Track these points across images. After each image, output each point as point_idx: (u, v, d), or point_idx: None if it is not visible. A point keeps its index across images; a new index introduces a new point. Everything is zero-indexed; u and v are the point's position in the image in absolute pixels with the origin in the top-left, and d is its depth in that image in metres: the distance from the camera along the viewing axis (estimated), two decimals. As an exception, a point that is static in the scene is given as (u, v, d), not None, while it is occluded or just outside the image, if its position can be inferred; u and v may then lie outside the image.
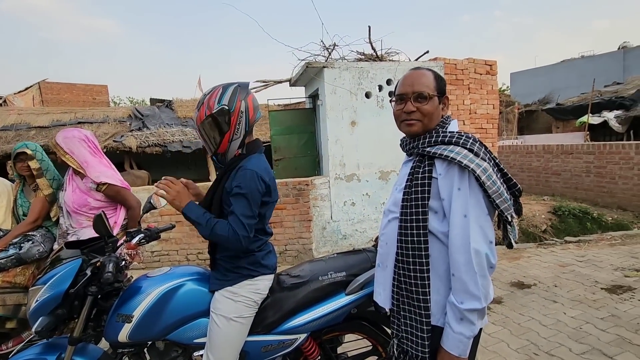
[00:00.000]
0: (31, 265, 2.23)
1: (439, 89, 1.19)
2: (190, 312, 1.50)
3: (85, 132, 2.32)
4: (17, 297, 2.14)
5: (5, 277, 2.12)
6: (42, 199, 2.29)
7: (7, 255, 2.13)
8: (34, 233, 2.27)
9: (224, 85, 1.51)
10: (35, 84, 15.60)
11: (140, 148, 9.53)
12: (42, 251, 2.25)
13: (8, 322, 2.13)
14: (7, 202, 2.37)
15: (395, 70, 5.00)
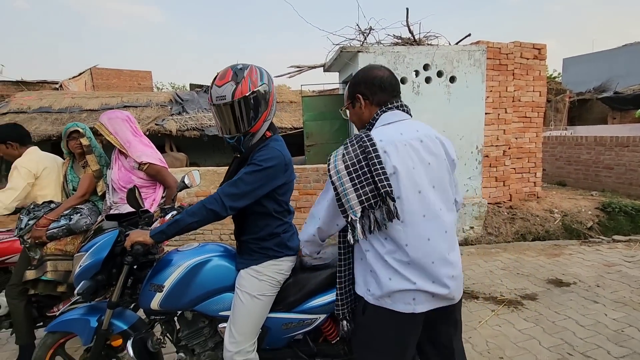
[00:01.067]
0: (80, 235, 2.42)
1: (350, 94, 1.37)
2: (216, 287, 1.57)
3: (126, 113, 2.46)
4: (68, 264, 2.33)
5: (58, 246, 2.33)
6: (90, 175, 2.47)
7: (59, 225, 2.33)
8: (82, 206, 2.45)
9: (256, 65, 1.49)
10: (87, 70, 16.66)
11: (180, 132, 9.95)
12: (89, 223, 2.44)
13: (59, 286, 2.35)
14: (57, 177, 2.58)
15: (434, 55, 4.79)
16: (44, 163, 2.51)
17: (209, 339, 1.64)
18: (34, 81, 15.61)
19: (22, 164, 2.44)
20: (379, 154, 1.17)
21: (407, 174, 1.17)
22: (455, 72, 4.87)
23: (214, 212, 1.39)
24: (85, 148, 2.47)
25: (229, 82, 1.41)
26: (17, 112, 10.07)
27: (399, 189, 1.17)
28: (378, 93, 1.30)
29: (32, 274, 2.28)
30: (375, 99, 1.31)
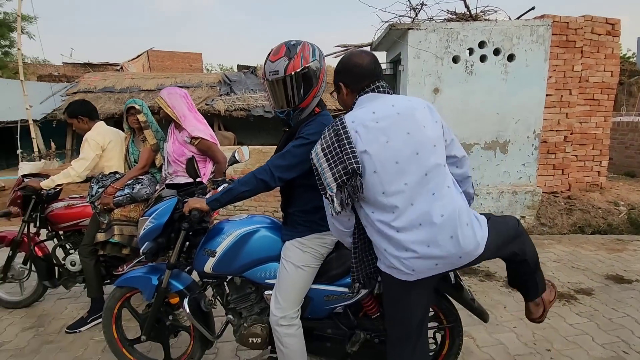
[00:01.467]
0: (141, 203, 2.66)
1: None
2: (263, 255, 1.66)
3: (184, 90, 2.61)
4: (131, 229, 2.58)
5: (123, 212, 2.58)
6: (149, 149, 2.67)
7: (123, 193, 2.57)
8: (142, 177, 2.68)
9: (308, 42, 1.52)
10: (144, 52, 17.68)
11: (228, 112, 10.33)
12: (149, 192, 2.65)
13: (124, 249, 2.61)
14: (120, 150, 2.82)
15: (491, 31, 4.47)
16: (109, 136, 2.75)
17: (255, 304, 1.75)
18: (98, 63, 16.90)
19: (92, 137, 2.69)
20: (350, 135, 1.26)
21: (380, 148, 1.24)
22: (515, 49, 4.52)
23: (263, 181, 1.46)
24: (142, 123, 2.65)
25: (282, 58, 1.44)
26: (85, 91, 11.01)
27: (373, 164, 1.24)
28: (358, 81, 1.38)
29: (101, 237, 2.56)
30: (355, 87, 1.39)
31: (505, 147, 4.70)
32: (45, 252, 2.89)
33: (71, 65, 16.90)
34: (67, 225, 2.81)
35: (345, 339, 1.70)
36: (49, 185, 2.64)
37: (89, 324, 2.63)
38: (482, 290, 3.01)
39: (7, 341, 2.51)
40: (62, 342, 2.48)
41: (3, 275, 2.88)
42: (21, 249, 2.86)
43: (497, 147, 4.70)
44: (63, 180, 2.63)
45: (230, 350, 2.28)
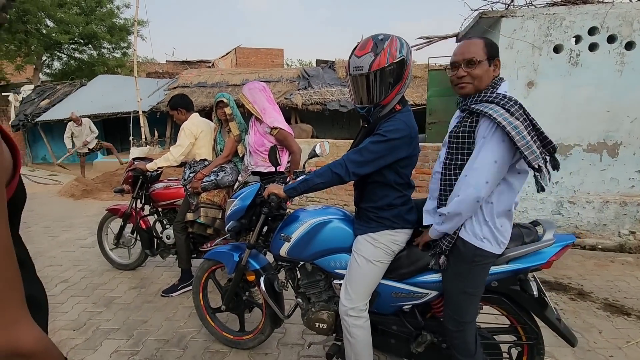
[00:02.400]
0: (224, 189, 2.93)
1: (489, 54, 1.37)
2: (335, 246, 1.71)
3: (263, 83, 2.77)
4: (215, 212, 2.86)
5: (208, 196, 2.87)
6: (232, 140, 2.90)
7: (209, 179, 2.85)
8: (226, 165, 2.94)
9: (397, 36, 1.48)
10: (232, 49, 19.12)
11: (304, 105, 10.67)
12: (232, 180, 2.90)
13: (208, 229, 2.91)
14: (209, 139, 3.12)
15: (605, 15, 3.85)
16: (201, 127, 3.07)
17: (324, 291, 1.82)
18: (194, 60, 18.80)
19: (187, 126, 3.03)
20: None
21: None
22: (635, 36, 3.83)
23: (338, 175, 1.49)
24: (228, 116, 2.89)
25: (369, 53, 1.43)
26: (183, 86, 12.35)
27: None
28: None
29: (190, 216, 2.89)
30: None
31: (614, 150, 4.05)
32: (147, 226, 3.37)
33: (173, 63, 19.10)
34: (165, 204, 3.24)
35: (411, 339, 1.67)
36: (152, 167, 3.05)
37: (179, 290, 3.01)
38: (572, 310, 2.67)
39: (118, 296, 3.00)
40: (158, 303, 2.88)
41: (116, 241, 3.45)
42: (130, 221, 3.37)
43: (604, 150, 4.07)
44: (164, 164, 3.02)
45: (297, 332, 2.40)
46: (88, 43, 16.58)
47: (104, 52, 17.34)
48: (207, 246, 3.00)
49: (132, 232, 3.40)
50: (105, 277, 3.36)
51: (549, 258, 1.44)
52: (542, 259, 1.44)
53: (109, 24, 16.03)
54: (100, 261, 3.66)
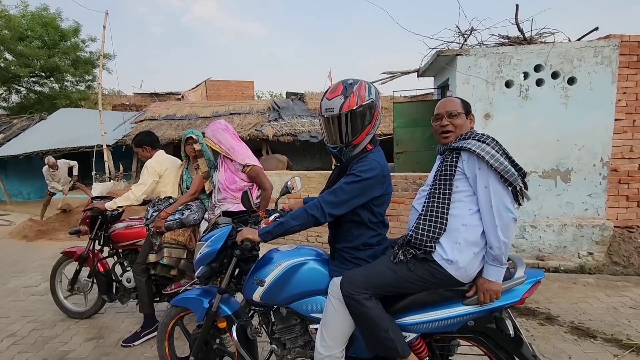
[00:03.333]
0: (189, 228, 2.82)
1: (465, 110, 1.59)
2: (310, 288, 1.66)
3: (224, 122, 2.74)
4: (179, 251, 2.74)
5: (172, 235, 2.75)
6: (200, 177, 2.84)
7: (174, 218, 2.75)
8: (192, 204, 2.84)
9: (365, 81, 1.57)
10: (203, 82, 19.19)
11: (276, 137, 10.75)
12: (197, 218, 2.81)
13: (172, 270, 2.77)
14: (175, 176, 3.03)
15: (548, 54, 4.26)
16: (166, 164, 2.99)
17: (300, 336, 1.75)
18: (163, 93, 18.64)
19: (151, 164, 2.95)
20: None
21: None
22: (576, 72, 4.25)
23: (314, 217, 1.49)
24: (197, 152, 2.84)
25: (339, 96, 1.50)
26: (151, 119, 12.11)
27: None
28: None
29: (153, 257, 2.75)
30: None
31: (567, 176, 4.35)
32: (106, 268, 3.16)
33: (140, 95, 18.82)
34: (125, 244, 3.07)
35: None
36: (111, 206, 2.90)
37: (142, 338, 2.79)
38: (542, 336, 2.73)
39: (72, 350, 2.73)
40: (119, 355, 2.65)
41: (71, 287, 3.19)
42: (87, 264, 3.15)
43: (557, 176, 4.37)
44: (123, 203, 2.90)
45: (273, 379, 2.27)
46: (50, 76, 16.07)
47: (67, 85, 16.82)
48: (170, 288, 2.85)
49: (89, 276, 3.18)
50: (58, 329, 3.07)
51: (522, 295, 1.47)
52: (516, 297, 1.47)
53: (73, 57, 15.68)
54: (53, 310, 3.35)
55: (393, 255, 1.52)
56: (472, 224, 1.44)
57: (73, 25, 15.70)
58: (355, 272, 1.52)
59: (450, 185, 1.47)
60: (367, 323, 1.46)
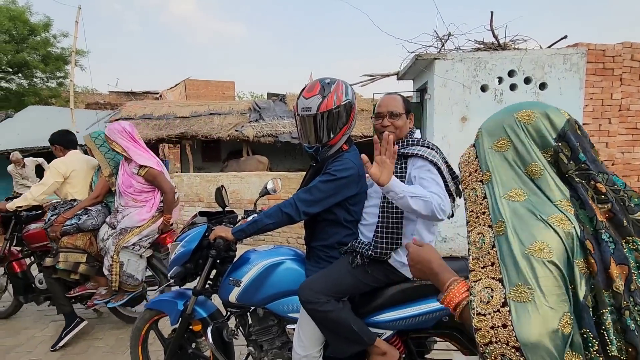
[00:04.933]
0: (89, 232, 2.76)
1: (406, 109, 1.57)
2: (287, 288, 1.64)
3: (124, 124, 2.69)
4: (76, 256, 2.70)
5: (70, 240, 2.70)
6: (104, 179, 2.79)
7: (71, 223, 2.70)
8: (91, 208, 2.78)
9: (342, 80, 1.57)
10: (182, 81, 18.80)
11: (256, 137, 10.64)
12: (96, 224, 2.75)
13: (72, 274, 2.72)
14: (84, 178, 2.96)
15: (521, 60, 4.42)
16: (73, 166, 2.90)
17: (277, 337, 1.72)
18: (140, 92, 18.14)
19: (55, 164, 2.88)
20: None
21: None
22: (547, 78, 4.42)
23: (288, 215, 1.48)
24: (95, 155, 2.80)
25: (316, 95, 1.49)
26: (126, 118, 11.72)
27: None
28: None
29: (48, 261, 2.71)
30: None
31: (539, 178, 4.51)
32: (22, 269, 3.10)
33: (116, 93, 18.24)
34: (38, 246, 2.98)
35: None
36: (11, 207, 2.84)
37: (64, 338, 2.72)
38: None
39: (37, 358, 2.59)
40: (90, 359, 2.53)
41: None
42: (3, 265, 3.08)
43: (530, 177, 4.52)
44: (22, 203, 2.83)
45: (251, 382, 2.22)
46: (18, 72, 15.32)
47: (36, 82, 16.08)
48: (74, 292, 2.82)
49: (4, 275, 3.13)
50: (21, 337, 2.91)
51: None
52: None
53: (44, 52, 15.02)
54: (15, 318, 3.18)
55: (352, 259, 1.51)
56: (421, 230, 1.48)
57: (43, 20, 15.07)
58: (315, 279, 1.51)
59: None
60: (331, 325, 1.45)
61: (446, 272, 0.86)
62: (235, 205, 5.26)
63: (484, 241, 0.76)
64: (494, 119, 0.86)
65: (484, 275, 0.73)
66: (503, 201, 0.77)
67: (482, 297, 0.71)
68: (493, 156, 0.82)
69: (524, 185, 0.77)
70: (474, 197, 0.84)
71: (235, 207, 5.12)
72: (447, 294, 0.81)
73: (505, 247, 0.71)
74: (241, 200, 5.67)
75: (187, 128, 10.90)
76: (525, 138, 0.79)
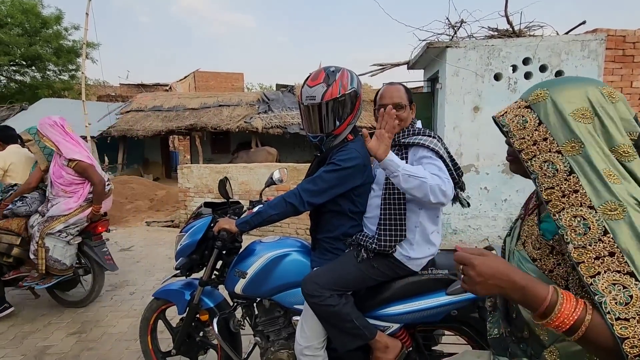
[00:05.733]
0: (24, 217, 2.93)
1: (409, 100, 1.54)
2: (293, 280, 1.63)
3: (55, 118, 2.87)
4: (11, 238, 2.87)
5: (5, 223, 2.88)
6: (38, 169, 2.97)
7: (7, 208, 2.89)
8: (28, 195, 2.95)
9: (347, 69, 1.53)
10: (191, 73, 18.87)
11: (265, 129, 10.64)
12: (30, 210, 2.93)
13: (5, 257, 2.89)
14: (24, 169, 3.11)
15: (536, 47, 4.27)
16: (11, 159, 3.09)
17: (283, 328, 1.72)
18: (150, 84, 18.27)
19: None
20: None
21: None
22: (563, 65, 4.27)
23: (293, 205, 1.46)
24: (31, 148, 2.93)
25: (321, 84, 1.45)
26: (137, 110, 11.85)
27: None
28: None
29: None
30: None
31: (553, 169, 4.40)
32: None
33: (127, 86, 18.40)
34: None
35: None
36: None
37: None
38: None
39: (53, 345, 2.66)
40: (101, 349, 2.59)
41: None
42: None
43: (544, 169, 4.41)
44: None
45: (258, 372, 2.25)
46: (31, 65, 15.56)
47: (49, 75, 16.33)
48: (9, 275, 2.98)
49: None
50: (38, 324, 2.99)
51: None
52: None
53: (56, 45, 15.20)
54: (32, 305, 3.26)
55: (357, 253, 1.49)
56: (424, 222, 1.45)
57: (55, 13, 15.22)
58: (320, 272, 1.50)
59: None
60: (332, 320, 1.44)
61: (536, 282, 0.67)
62: (244, 197, 5.28)
63: (588, 225, 0.64)
64: (564, 86, 0.74)
65: (601, 267, 0.61)
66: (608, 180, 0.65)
67: (617, 297, 0.58)
68: (577, 124, 0.69)
69: (614, 168, 0.66)
70: (552, 171, 0.70)
71: (245, 198, 5.14)
72: (558, 313, 0.62)
73: (629, 234, 0.60)
74: (250, 192, 5.68)
75: (196, 119, 10.96)
76: (615, 116, 0.69)
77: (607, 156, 0.67)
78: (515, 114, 0.77)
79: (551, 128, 0.71)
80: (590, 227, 0.64)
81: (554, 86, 0.75)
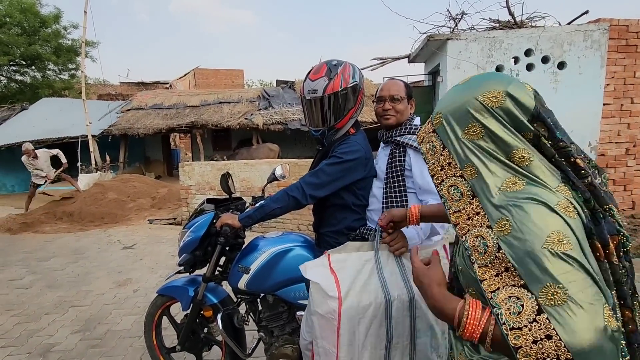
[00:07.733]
0: None
1: (408, 94, 1.56)
2: (296, 275, 1.62)
3: None
4: None
5: None
6: None
7: None
8: None
9: (350, 62, 1.53)
10: (191, 70, 18.80)
11: (266, 125, 10.61)
12: None
13: None
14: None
15: (538, 38, 4.23)
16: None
17: (287, 324, 1.72)
18: (150, 82, 18.23)
19: None
20: None
21: None
22: (566, 56, 4.23)
23: (295, 199, 1.45)
24: None
25: (322, 77, 1.45)
26: (137, 108, 11.83)
27: None
28: None
29: None
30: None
31: (556, 161, 4.38)
32: None
33: (127, 84, 18.38)
34: None
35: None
36: None
37: None
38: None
39: (58, 342, 2.68)
40: (105, 346, 2.60)
41: None
42: None
43: (547, 161, 4.39)
44: None
45: (262, 367, 2.25)
46: (31, 64, 15.54)
47: (49, 74, 16.31)
48: None
49: None
50: (43, 322, 3.00)
51: None
52: None
53: (55, 44, 15.16)
54: (37, 303, 3.28)
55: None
56: None
57: (53, 12, 15.17)
58: None
59: (403, 181, 1.47)
60: None
61: (448, 300, 0.71)
62: (246, 194, 5.28)
63: (487, 244, 0.66)
64: (452, 101, 0.73)
65: (500, 283, 0.64)
66: (500, 195, 0.67)
67: (511, 308, 0.61)
68: (470, 147, 0.70)
69: (517, 174, 0.67)
70: (457, 195, 0.72)
71: (246, 195, 5.14)
72: (464, 327, 0.66)
73: (516, 247, 0.62)
74: (252, 188, 5.68)
75: (197, 117, 10.94)
76: (498, 124, 0.68)
77: (507, 164, 0.68)
78: (427, 140, 0.79)
79: (453, 152, 0.73)
80: (488, 246, 0.67)
81: (444, 105, 0.75)
